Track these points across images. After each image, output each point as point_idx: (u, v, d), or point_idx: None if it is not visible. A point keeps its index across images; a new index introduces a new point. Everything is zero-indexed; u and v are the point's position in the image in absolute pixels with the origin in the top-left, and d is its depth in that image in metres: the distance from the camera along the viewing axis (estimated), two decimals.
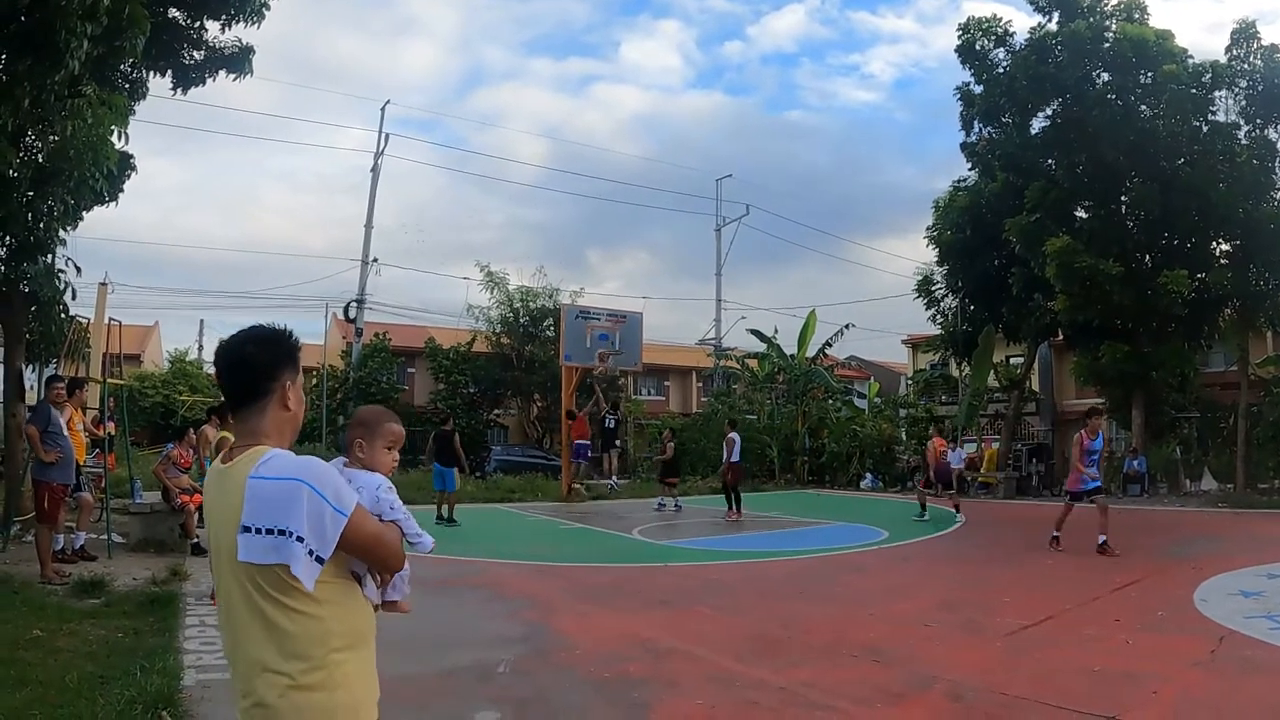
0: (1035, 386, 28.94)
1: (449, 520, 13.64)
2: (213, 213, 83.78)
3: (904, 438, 27.15)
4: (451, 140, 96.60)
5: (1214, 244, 20.43)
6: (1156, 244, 20.59)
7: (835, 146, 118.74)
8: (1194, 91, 19.14)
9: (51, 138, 8.82)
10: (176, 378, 34.46)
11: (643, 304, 51.91)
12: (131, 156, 10.30)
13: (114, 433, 11.45)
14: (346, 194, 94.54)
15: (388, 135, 32.62)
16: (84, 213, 9.64)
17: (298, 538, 1.68)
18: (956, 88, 22.15)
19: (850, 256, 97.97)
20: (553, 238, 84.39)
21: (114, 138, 9.07)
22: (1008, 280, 21.97)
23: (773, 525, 14.76)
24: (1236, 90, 19.42)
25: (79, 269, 10.03)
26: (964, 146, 22.76)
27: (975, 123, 22.08)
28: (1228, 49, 19.60)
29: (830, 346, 29.23)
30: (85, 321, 11.77)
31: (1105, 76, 20.10)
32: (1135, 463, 20.50)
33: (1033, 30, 20.91)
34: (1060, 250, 18.69)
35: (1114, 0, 20.53)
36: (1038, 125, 21.31)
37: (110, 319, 12.46)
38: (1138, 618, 6.80)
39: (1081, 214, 21.11)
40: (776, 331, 28.95)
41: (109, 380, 11.05)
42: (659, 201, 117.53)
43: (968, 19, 21.65)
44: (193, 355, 38.09)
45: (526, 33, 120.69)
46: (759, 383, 29.16)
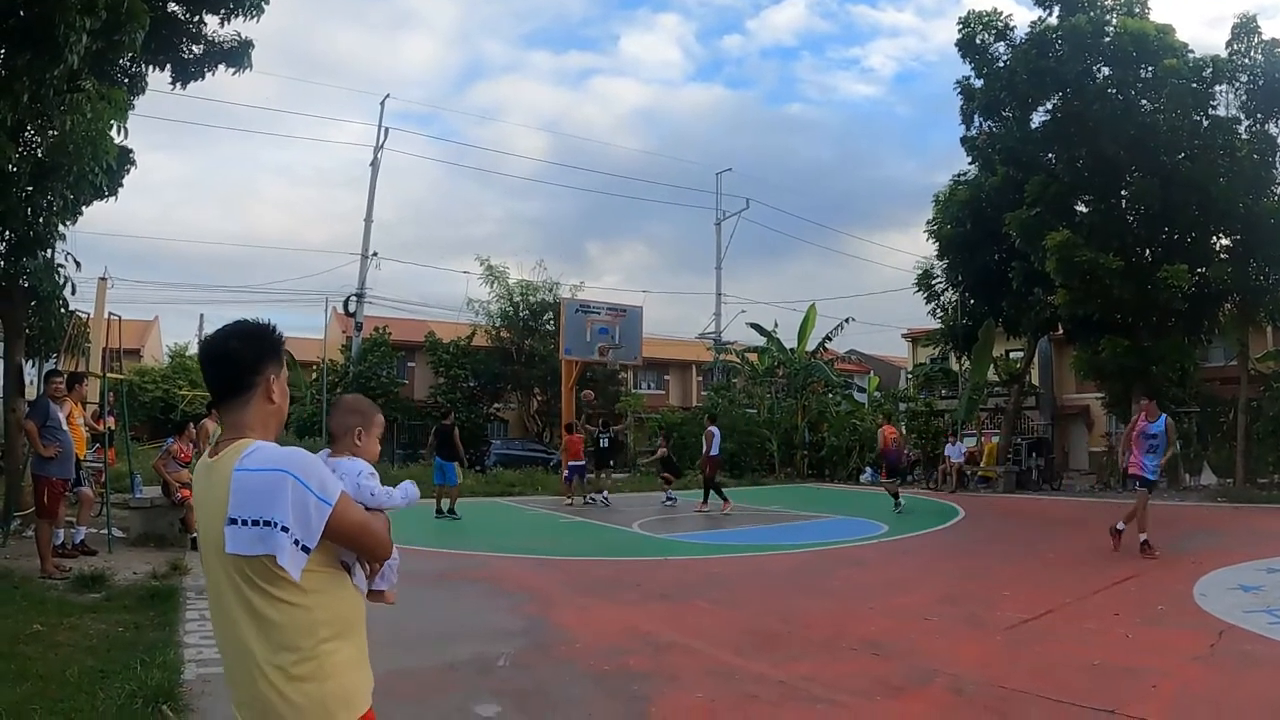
0: (1035, 381, 28.91)
1: (450, 514, 13.75)
2: (212, 207, 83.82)
3: (904, 431, 27.14)
4: (451, 134, 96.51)
5: (1214, 239, 20.39)
6: (1157, 238, 20.55)
7: (835, 140, 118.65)
8: (1194, 86, 19.10)
9: (51, 132, 8.82)
10: (176, 372, 34.55)
11: (643, 298, 51.78)
12: (131, 151, 10.31)
13: (114, 427, 11.47)
14: (346, 188, 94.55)
15: (387, 129, 32.56)
16: (83, 207, 9.64)
17: (283, 528, 1.69)
18: (957, 82, 22.12)
19: (850, 250, 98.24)
20: (552, 231, 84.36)
21: (113, 132, 9.08)
22: (1008, 274, 21.92)
23: (772, 519, 14.80)
24: (1237, 85, 19.39)
25: (78, 264, 10.02)
26: (964, 140, 22.70)
27: (975, 117, 22.03)
28: (1228, 43, 19.58)
29: (830, 340, 29.33)
30: (85, 316, 11.75)
31: (1106, 71, 20.06)
32: None
33: (1033, 24, 20.89)
34: (1060, 244, 18.65)
35: None
36: (1038, 119, 21.28)
37: (110, 314, 12.45)
38: (1137, 612, 6.81)
39: (1082, 208, 21.03)
40: (776, 325, 29.05)
41: (109, 375, 11.07)
42: (659, 195, 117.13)
43: (968, 13, 21.59)
44: (192, 350, 38.02)
45: (525, 26, 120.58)
46: (759, 377, 29.18)
